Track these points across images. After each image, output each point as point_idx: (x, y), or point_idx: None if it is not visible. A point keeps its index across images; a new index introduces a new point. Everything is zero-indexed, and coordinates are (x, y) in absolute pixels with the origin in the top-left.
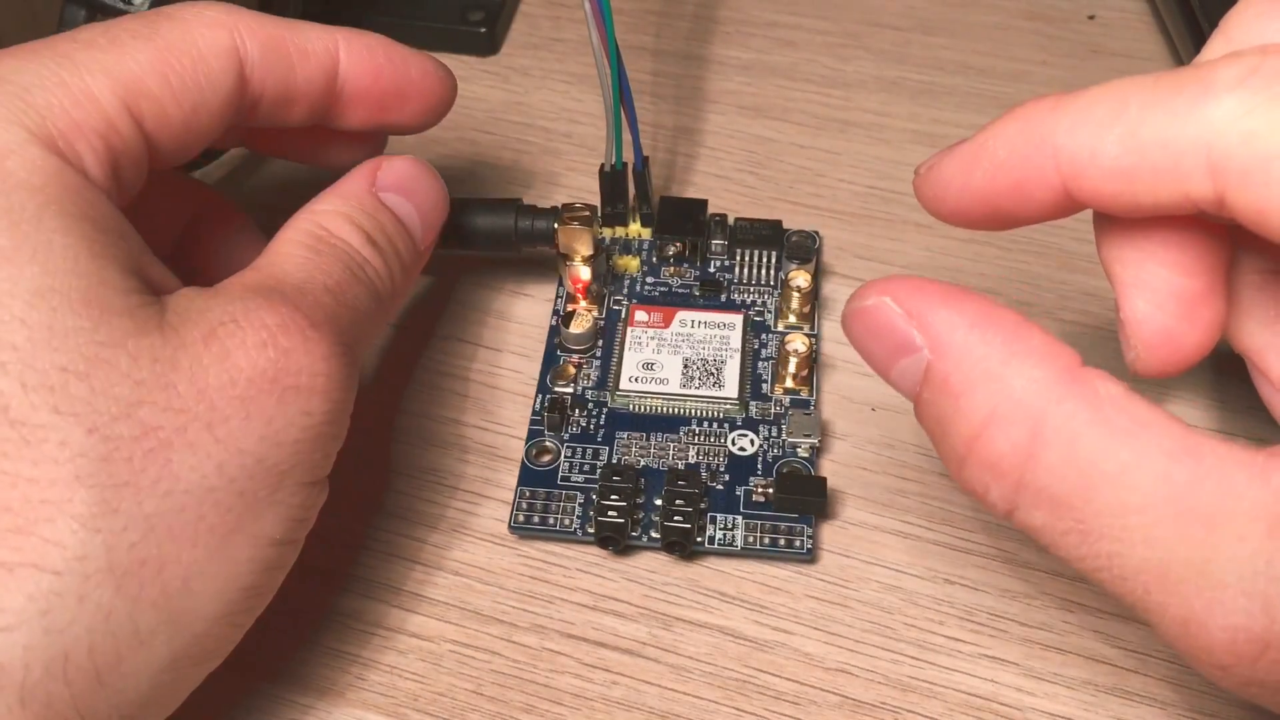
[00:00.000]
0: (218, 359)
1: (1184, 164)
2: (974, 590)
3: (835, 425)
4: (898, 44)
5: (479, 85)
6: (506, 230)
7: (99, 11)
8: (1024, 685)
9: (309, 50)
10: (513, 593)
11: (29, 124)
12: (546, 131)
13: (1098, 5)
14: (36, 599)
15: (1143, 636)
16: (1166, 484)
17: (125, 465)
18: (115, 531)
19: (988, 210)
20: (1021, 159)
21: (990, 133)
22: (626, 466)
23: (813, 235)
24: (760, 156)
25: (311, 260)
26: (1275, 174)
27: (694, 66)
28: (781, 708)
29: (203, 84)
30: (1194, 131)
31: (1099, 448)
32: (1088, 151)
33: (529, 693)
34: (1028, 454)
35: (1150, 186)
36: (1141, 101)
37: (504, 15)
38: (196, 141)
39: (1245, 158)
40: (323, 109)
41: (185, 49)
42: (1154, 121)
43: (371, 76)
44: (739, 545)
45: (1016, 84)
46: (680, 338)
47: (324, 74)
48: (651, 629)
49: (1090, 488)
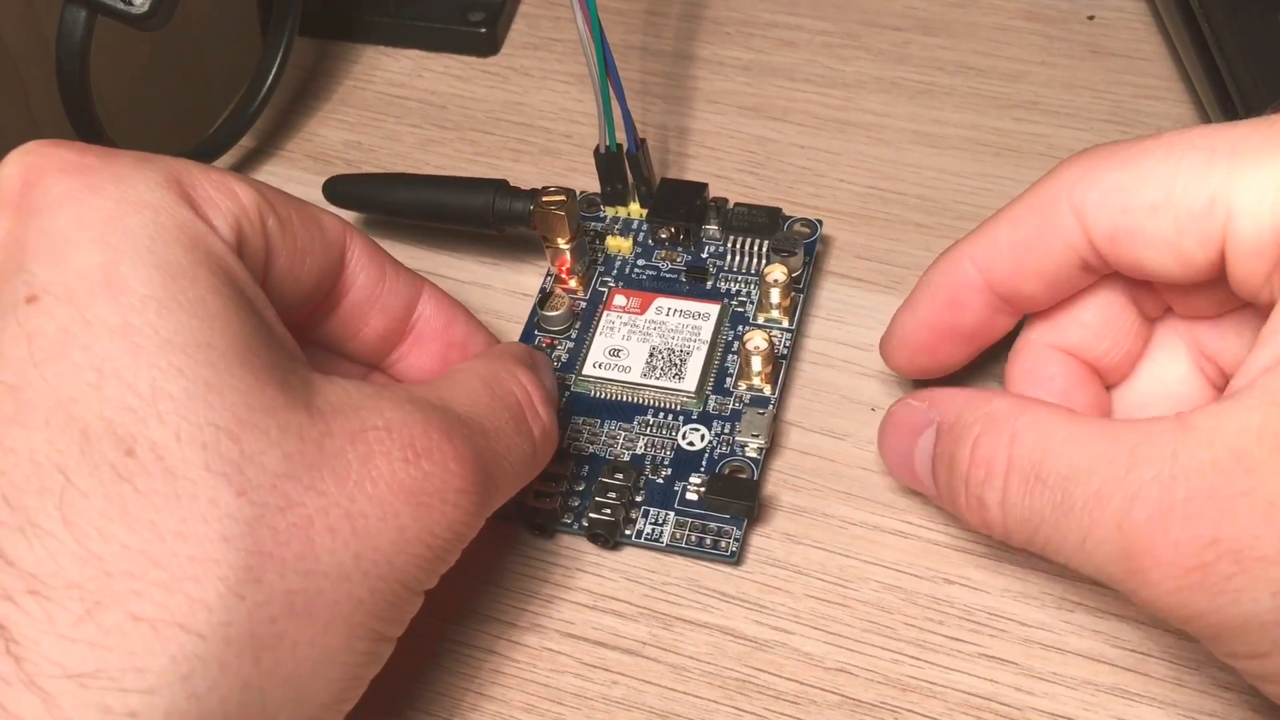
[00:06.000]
0: (362, 458)
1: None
2: (974, 590)
3: (836, 426)
4: (898, 44)
5: (479, 85)
6: (485, 210)
7: (99, 12)
8: (1024, 685)
9: (400, 274)
10: (513, 592)
11: (178, 191)
12: (546, 131)
13: (1098, 5)
14: (179, 661)
15: (1143, 636)
16: (1101, 440)
17: (270, 535)
18: (259, 601)
19: (939, 333)
20: (947, 280)
21: (920, 283)
22: (569, 454)
23: (814, 223)
24: (760, 156)
25: (484, 399)
26: None
27: (694, 66)
28: (781, 707)
29: (315, 238)
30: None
31: (1055, 426)
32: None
33: (529, 693)
34: (1011, 443)
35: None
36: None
37: (504, 15)
38: (297, 284)
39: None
40: (398, 332)
41: (311, 212)
42: None
43: (445, 321)
44: (665, 541)
45: (1016, 84)
46: (652, 325)
47: (407, 298)
48: (651, 629)
49: (1050, 453)
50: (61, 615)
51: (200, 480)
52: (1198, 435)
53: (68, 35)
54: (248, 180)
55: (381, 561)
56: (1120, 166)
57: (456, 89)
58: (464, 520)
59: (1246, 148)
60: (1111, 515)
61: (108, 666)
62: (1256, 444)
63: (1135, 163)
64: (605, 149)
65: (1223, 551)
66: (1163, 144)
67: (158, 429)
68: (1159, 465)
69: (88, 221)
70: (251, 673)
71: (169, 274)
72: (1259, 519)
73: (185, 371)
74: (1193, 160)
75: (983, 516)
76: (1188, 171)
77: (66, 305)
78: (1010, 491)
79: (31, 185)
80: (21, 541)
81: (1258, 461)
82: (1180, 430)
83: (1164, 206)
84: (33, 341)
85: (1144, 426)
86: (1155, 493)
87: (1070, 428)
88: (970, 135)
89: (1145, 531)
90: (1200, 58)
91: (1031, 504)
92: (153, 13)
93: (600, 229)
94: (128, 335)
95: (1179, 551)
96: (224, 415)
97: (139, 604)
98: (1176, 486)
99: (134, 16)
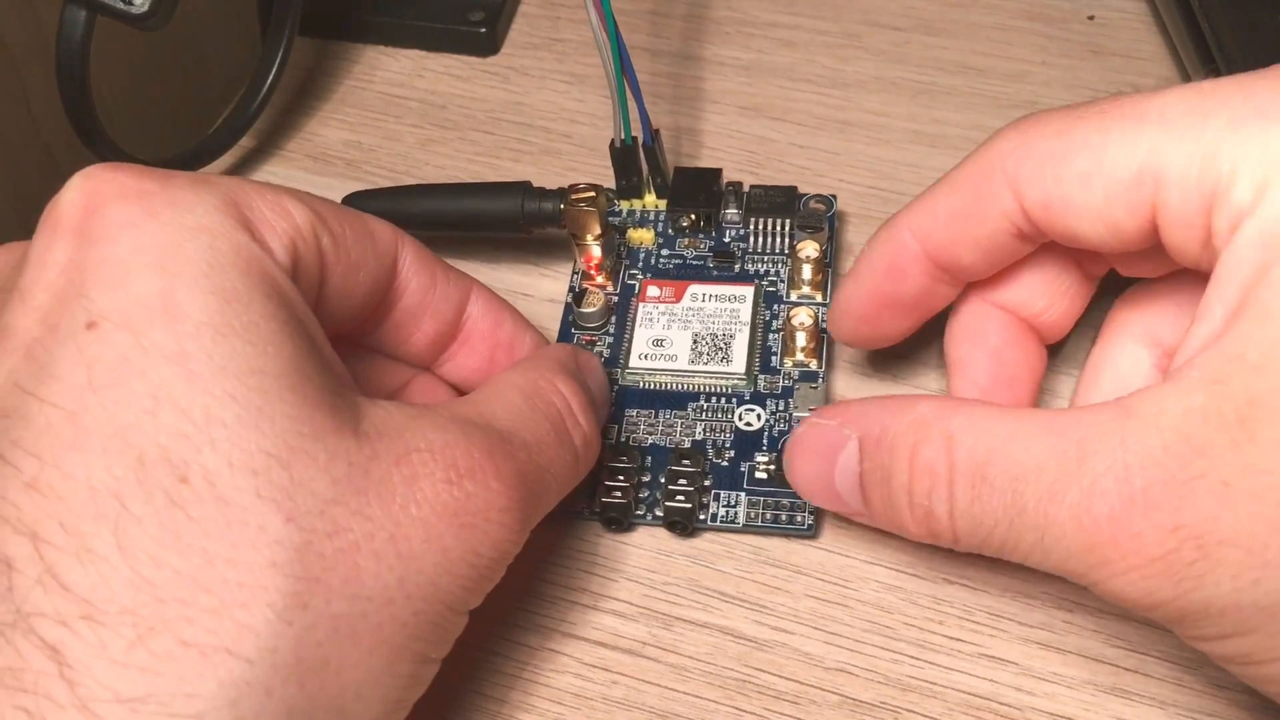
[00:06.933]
0: (406, 481)
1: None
2: (974, 590)
3: None
4: (898, 44)
5: (479, 85)
6: (514, 213)
7: (99, 12)
8: (1024, 685)
9: (450, 278)
10: (513, 592)
11: (234, 215)
12: (546, 131)
13: (1098, 5)
14: (227, 687)
15: (1143, 636)
16: (1046, 434)
17: (318, 560)
18: (306, 626)
19: (880, 302)
20: (886, 250)
21: (862, 253)
22: (631, 446)
23: (829, 199)
24: (760, 156)
25: (524, 412)
26: None
27: (694, 67)
28: (781, 707)
29: (368, 249)
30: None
31: (993, 425)
32: (924, 231)
33: (529, 693)
34: (950, 448)
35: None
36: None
37: (504, 15)
38: (351, 297)
39: None
40: (449, 335)
41: (364, 223)
42: None
43: (493, 322)
44: (741, 522)
45: (1016, 84)
46: (691, 312)
47: (458, 302)
48: (651, 629)
49: (994, 453)
50: (114, 641)
51: (251, 507)
52: (1144, 420)
53: (68, 35)
54: (302, 197)
55: (425, 584)
56: (1054, 135)
57: (456, 89)
58: (508, 538)
59: (1174, 115)
60: (1069, 511)
61: (158, 692)
62: (1203, 424)
63: (1068, 132)
64: (620, 142)
65: (1184, 538)
66: (1095, 111)
67: (211, 456)
68: (1110, 455)
69: (146, 248)
70: (297, 697)
71: (224, 299)
72: (1216, 501)
73: (238, 398)
74: (1123, 129)
75: (930, 527)
76: (1117, 140)
77: (124, 332)
78: (957, 498)
79: (92, 212)
80: (77, 567)
81: (1207, 442)
82: (1125, 417)
83: (1094, 176)
84: (91, 368)
85: (1086, 417)
86: (1112, 484)
87: (1011, 424)
88: (970, 135)
89: (1107, 525)
90: (1200, 58)
91: (982, 508)
92: (153, 13)
93: (618, 223)
94: (183, 362)
95: (1142, 542)
96: (275, 441)
97: (189, 630)
98: (1133, 476)
99: (134, 16)
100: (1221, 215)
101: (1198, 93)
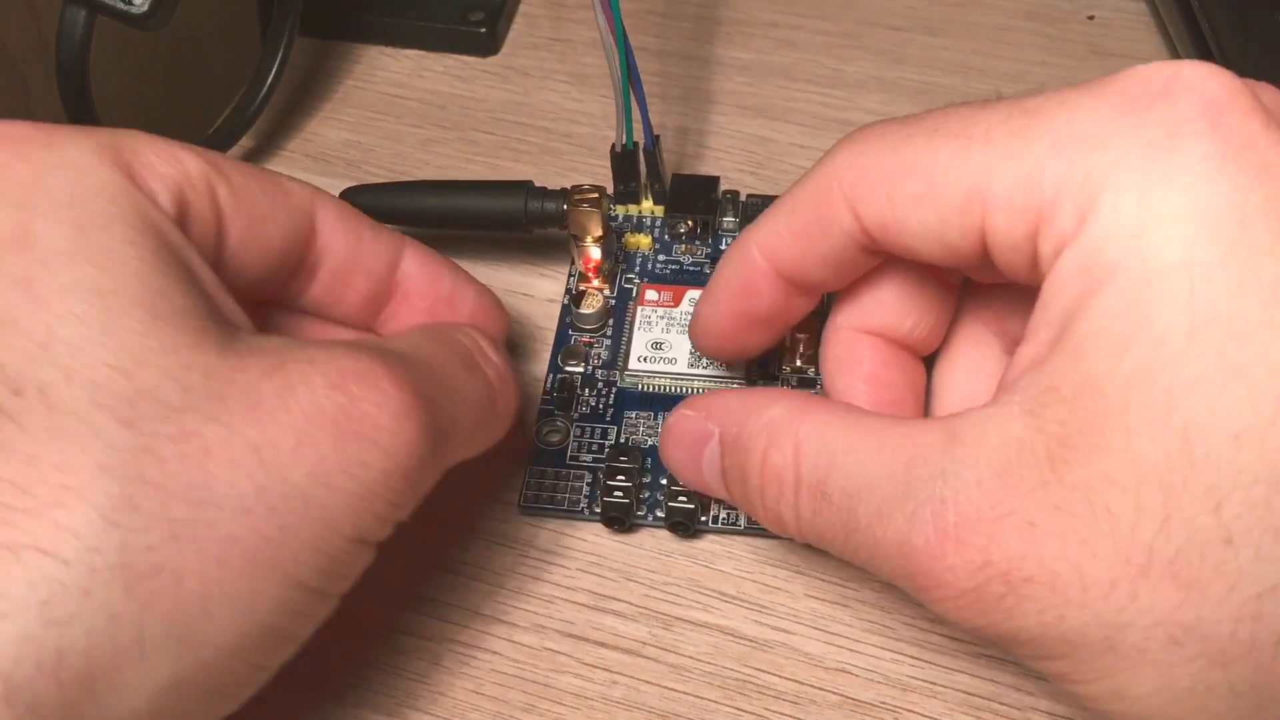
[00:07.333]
0: (278, 389)
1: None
2: None
3: None
4: (898, 44)
5: (479, 85)
6: (517, 212)
7: (99, 12)
8: (1024, 685)
9: (379, 235)
10: (513, 592)
11: (111, 156)
12: (547, 132)
13: (1097, 5)
14: (37, 586)
15: None
16: (880, 451)
17: (157, 465)
18: (134, 529)
19: (737, 320)
20: (737, 270)
21: (714, 272)
22: (633, 447)
23: None
24: (760, 156)
25: (425, 343)
26: None
27: (694, 66)
28: (781, 707)
29: (278, 203)
30: None
31: (835, 435)
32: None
33: (529, 693)
34: (796, 456)
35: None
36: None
37: (504, 15)
38: (262, 252)
39: None
40: (384, 293)
41: (275, 180)
42: None
43: (430, 278)
44: (743, 524)
45: (1016, 84)
46: (689, 317)
47: (388, 259)
48: (651, 629)
49: (834, 467)
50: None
51: (86, 415)
52: (964, 450)
53: (68, 35)
54: (198, 150)
55: (293, 495)
56: (888, 152)
57: (456, 89)
58: (403, 449)
59: (999, 135)
60: (892, 536)
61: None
62: (1016, 460)
63: (900, 149)
64: (621, 147)
65: (992, 575)
66: (925, 128)
67: (48, 370)
68: (930, 485)
69: (10, 185)
70: (122, 602)
71: (79, 228)
72: (1021, 540)
73: (83, 317)
74: (952, 150)
75: (782, 529)
76: (946, 162)
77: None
78: (802, 508)
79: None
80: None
81: (1018, 480)
82: (949, 445)
83: (927, 198)
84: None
85: (916, 436)
86: (929, 516)
87: (849, 436)
88: None
89: (923, 557)
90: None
91: (823, 521)
92: (153, 13)
93: (616, 227)
94: (29, 286)
95: (955, 575)
96: (119, 355)
97: (4, 532)
98: (947, 511)
99: (134, 16)
100: (1045, 241)
101: (1023, 112)
